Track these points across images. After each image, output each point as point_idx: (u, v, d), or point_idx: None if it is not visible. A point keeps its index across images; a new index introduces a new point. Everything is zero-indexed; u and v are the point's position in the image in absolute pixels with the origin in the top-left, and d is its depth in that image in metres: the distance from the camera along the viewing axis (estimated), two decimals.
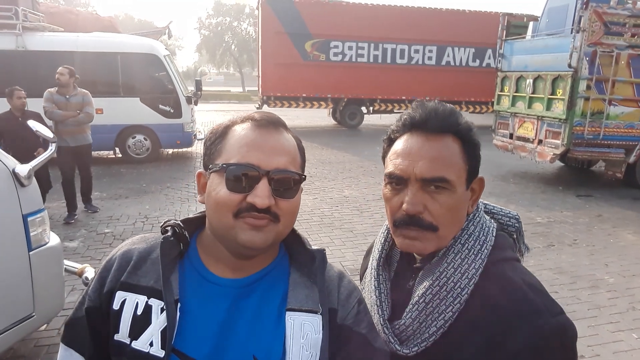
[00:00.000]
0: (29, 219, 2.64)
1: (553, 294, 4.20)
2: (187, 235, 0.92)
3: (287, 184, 0.85)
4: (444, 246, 0.93)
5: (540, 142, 8.56)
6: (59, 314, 3.13)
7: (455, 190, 0.90)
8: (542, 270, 4.79)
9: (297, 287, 0.89)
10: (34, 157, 4.79)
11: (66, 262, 3.10)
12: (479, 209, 1.00)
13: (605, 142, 8.02)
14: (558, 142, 8.13)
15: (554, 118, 8.16)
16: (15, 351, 3.12)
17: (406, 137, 0.94)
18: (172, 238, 0.89)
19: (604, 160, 8.76)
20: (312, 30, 16.06)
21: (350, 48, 16.54)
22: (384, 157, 1.00)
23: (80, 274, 3.13)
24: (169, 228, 0.91)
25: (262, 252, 0.87)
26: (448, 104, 0.96)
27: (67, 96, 6.03)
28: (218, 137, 0.89)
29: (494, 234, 0.97)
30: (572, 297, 4.21)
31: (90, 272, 3.11)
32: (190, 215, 0.97)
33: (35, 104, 8.65)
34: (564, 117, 7.89)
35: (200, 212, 0.97)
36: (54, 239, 2.89)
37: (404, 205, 0.90)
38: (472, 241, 0.93)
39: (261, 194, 0.81)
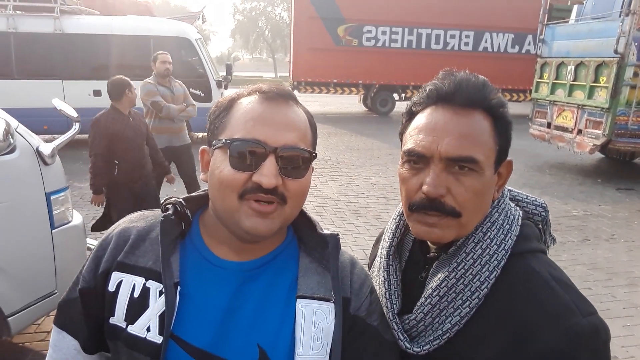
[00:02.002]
0: (52, 197, 2.67)
1: (586, 291, 4.00)
2: (189, 214, 0.87)
3: (296, 162, 0.78)
4: (465, 235, 0.84)
5: (579, 132, 8.18)
6: None
7: (483, 173, 0.81)
8: (575, 265, 4.58)
9: (307, 273, 0.84)
10: (149, 179, 4.05)
11: (89, 240, 3.15)
12: (504, 196, 0.91)
13: None
14: (599, 132, 7.74)
15: (595, 107, 7.77)
16: (40, 327, 3.21)
17: (430, 110, 0.84)
18: (173, 217, 0.84)
19: None
20: (345, 15, 15.82)
21: (383, 33, 16.21)
22: (402, 134, 0.91)
23: None
24: (169, 206, 0.86)
25: (267, 238, 0.81)
26: (480, 75, 0.85)
27: (169, 87, 4.97)
28: (223, 110, 0.83)
29: (520, 223, 0.87)
30: (607, 295, 4.01)
31: None
32: (193, 193, 0.92)
33: (72, 88, 8.92)
34: (606, 105, 7.49)
35: (204, 190, 0.92)
36: (77, 218, 2.93)
37: (424, 187, 0.80)
38: (495, 230, 0.84)
39: (267, 173, 0.74)
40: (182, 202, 0.87)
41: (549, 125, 8.99)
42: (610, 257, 4.82)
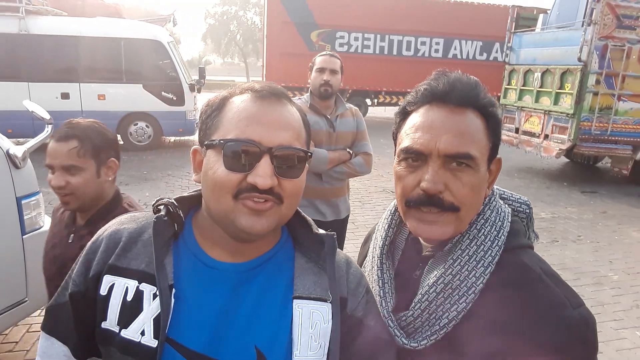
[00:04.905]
0: (23, 202, 2.58)
1: None
2: (181, 215, 0.86)
3: (291, 162, 0.78)
4: (462, 230, 0.86)
5: (546, 137, 8.46)
6: None
7: (479, 169, 0.83)
8: None
9: (303, 274, 0.83)
10: None
11: None
12: (494, 193, 0.94)
13: (613, 138, 7.92)
14: (564, 137, 8.03)
15: (561, 113, 8.05)
16: (7, 337, 3.08)
17: (425, 109, 0.86)
18: (166, 218, 0.82)
19: (610, 156, 8.66)
20: (318, 20, 15.90)
21: (356, 39, 16.38)
22: (396, 133, 0.92)
23: None
24: (162, 207, 0.84)
25: (263, 237, 0.81)
26: (471, 76, 0.88)
27: (329, 117, 2.83)
28: (214, 109, 0.81)
29: (510, 220, 0.90)
30: None
31: None
32: (185, 194, 0.90)
33: (38, 90, 8.63)
34: (571, 111, 7.79)
35: (195, 191, 0.90)
36: (48, 223, 2.84)
37: (424, 184, 0.82)
38: (489, 227, 0.86)
39: (263, 173, 0.74)
40: (175, 203, 0.85)
41: (517, 130, 9.26)
42: (577, 258, 5.00)
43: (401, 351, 0.86)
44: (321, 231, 0.87)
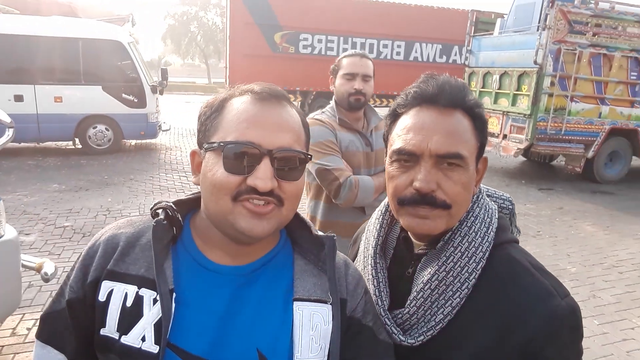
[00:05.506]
0: None
1: None
2: (180, 218, 0.85)
3: (292, 164, 0.78)
4: (453, 225, 0.89)
5: (504, 136, 8.78)
6: (15, 312, 2.95)
7: (468, 168, 0.86)
8: None
9: (303, 276, 0.84)
10: None
11: (23, 256, 2.92)
12: (482, 191, 0.97)
13: (567, 137, 8.31)
14: (522, 136, 8.36)
15: (518, 113, 8.38)
16: None
17: (415, 111, 0.89)
18: (165, 222, 0.81)
19: (564, 155, 9.07)
20: (282, 22, 15.89)
21: (319, 41, 16.47)
22: (387, 134, 0.94)
23: (38, 269, 2.95)
24: (160, 211, 0.83)
25: (262, 240, 0.80)
26: (459, 78, 0.91)
27: (363, 131, 2.28)
28: (214, 111, 0.81)
29: (497, 216, 0.94)
30: None
31: (49, 267, 2.94)
32: (183, 197, 0.89)
33: None
34: (528, 112, 8.12)
35: (193, 193, 0.90)
36: (10, 232, 2.71)
37: (417, 183, 0.84)
38: (479, 223, 0.89)
39: (263, 176, 0.74)
40: (173, 206, 0.84)
41: None
42: (537, 252, 5.20)
43: (398, 348, 0.88)
44: (320, 233, 0.88)
